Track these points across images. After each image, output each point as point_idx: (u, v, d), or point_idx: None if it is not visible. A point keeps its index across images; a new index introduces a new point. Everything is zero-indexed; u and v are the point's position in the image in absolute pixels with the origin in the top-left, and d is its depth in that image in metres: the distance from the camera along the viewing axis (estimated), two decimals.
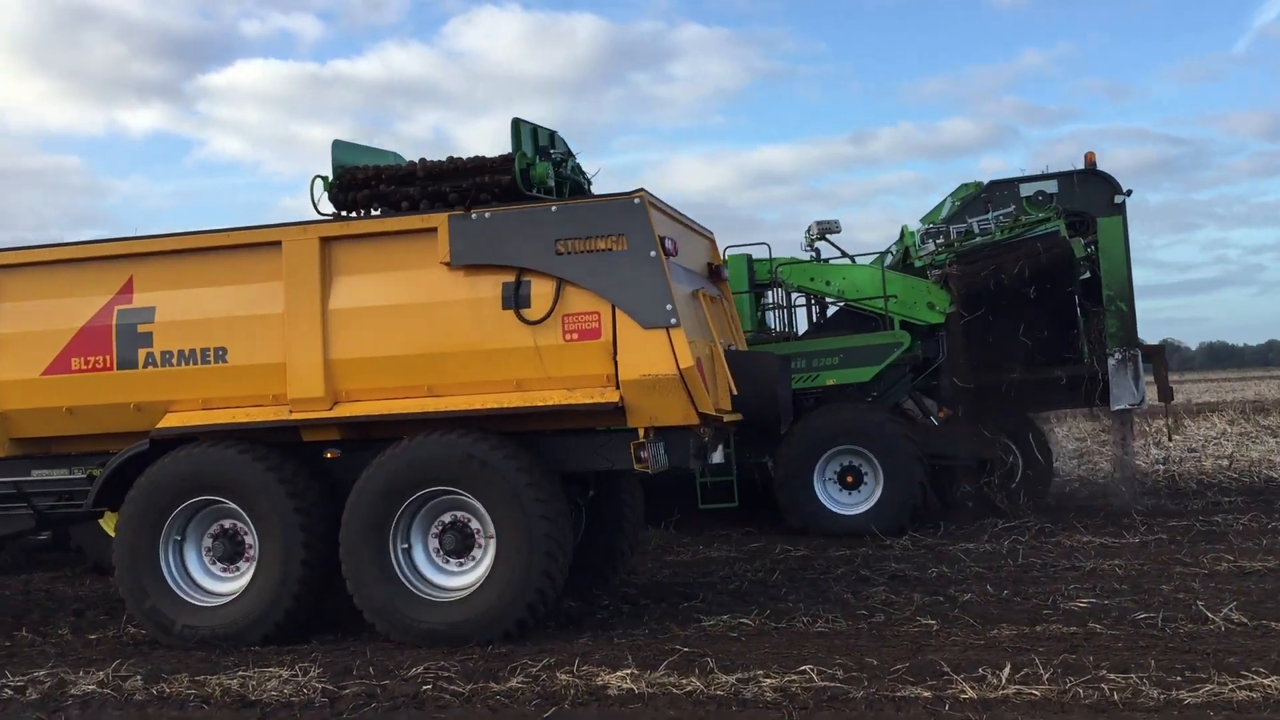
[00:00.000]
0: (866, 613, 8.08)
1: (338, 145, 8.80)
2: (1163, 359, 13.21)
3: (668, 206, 8.27)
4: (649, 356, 7.40)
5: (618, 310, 7.48)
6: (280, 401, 7.99)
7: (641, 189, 7.67)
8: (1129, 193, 12.91)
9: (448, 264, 7.75)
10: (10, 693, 6.89)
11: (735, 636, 7.56)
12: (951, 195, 13.36)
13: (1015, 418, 12.76)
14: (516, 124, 8.56)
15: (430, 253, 7.81)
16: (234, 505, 7.93)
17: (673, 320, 7.36)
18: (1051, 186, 12.81)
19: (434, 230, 7.82)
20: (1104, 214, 12.47)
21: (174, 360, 8.16)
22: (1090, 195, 12.68)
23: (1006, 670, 6.15)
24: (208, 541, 8.14)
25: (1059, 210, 12.60)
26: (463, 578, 7.73)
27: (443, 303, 7.77)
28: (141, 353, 8.19)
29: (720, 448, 8.78)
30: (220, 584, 8.11)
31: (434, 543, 7.79)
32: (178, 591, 8.02)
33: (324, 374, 7.88)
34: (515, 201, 8.08)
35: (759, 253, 13.28)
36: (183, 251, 8.28)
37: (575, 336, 7.57)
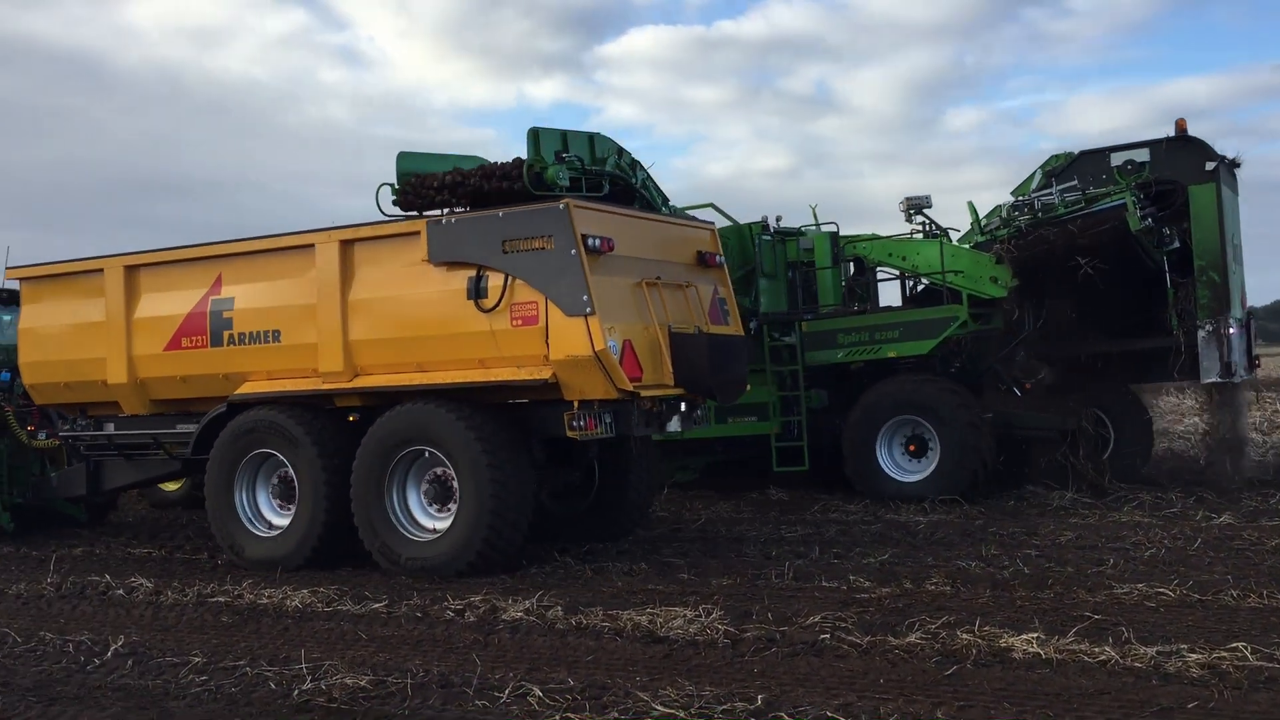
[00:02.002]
0: None
1: (402, 156, 10.24)
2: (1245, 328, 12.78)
3: (621, 209, 9.79)
4: (571, 340, 8.72)
5: (549, 300, 8.82)
6: (318, 374, 9.79)
7: (568, 199, 8.99)
8: (1232, 161, 12.66)
9: (427, 261, 9.25)
10: (452, 614, 7.72)
11: (1152, 607, 7.18)
12: (1041, 166, 13.28)
13: (1101, 390, 12.94)
14: (534, 132, 10.04)
15: (416, 252, 9.36)
16: (282, 457, 9.89)
17: (588, 309, 8.62)
18: (1142, 155, 12.53)
19: (418, 233, 9.36)
20: (1196, 181, 12.15)
21: (247, 340, 10.15)
22: (1182, 163, 12.33)
23: None
24: (273, 483, 10.19)
25: (1149, 180, 12.27)
26: (442, 522, 9.30)
27: (424, 293, 9.34)
28: (225, 334, 10.22)
29: (676, 417, 9.65)
30: (280, 518, 10.08)
31: (425, 493, 9.43)
32: (247, 524, 10.11)
33: (344, 352, 9.64)
34: (527, 202, 9.28)
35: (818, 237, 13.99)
36: (251, 253, 10.25)
37: (520, 323, 8.97)
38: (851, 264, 14.30)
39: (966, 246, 13.40)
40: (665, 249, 10.00)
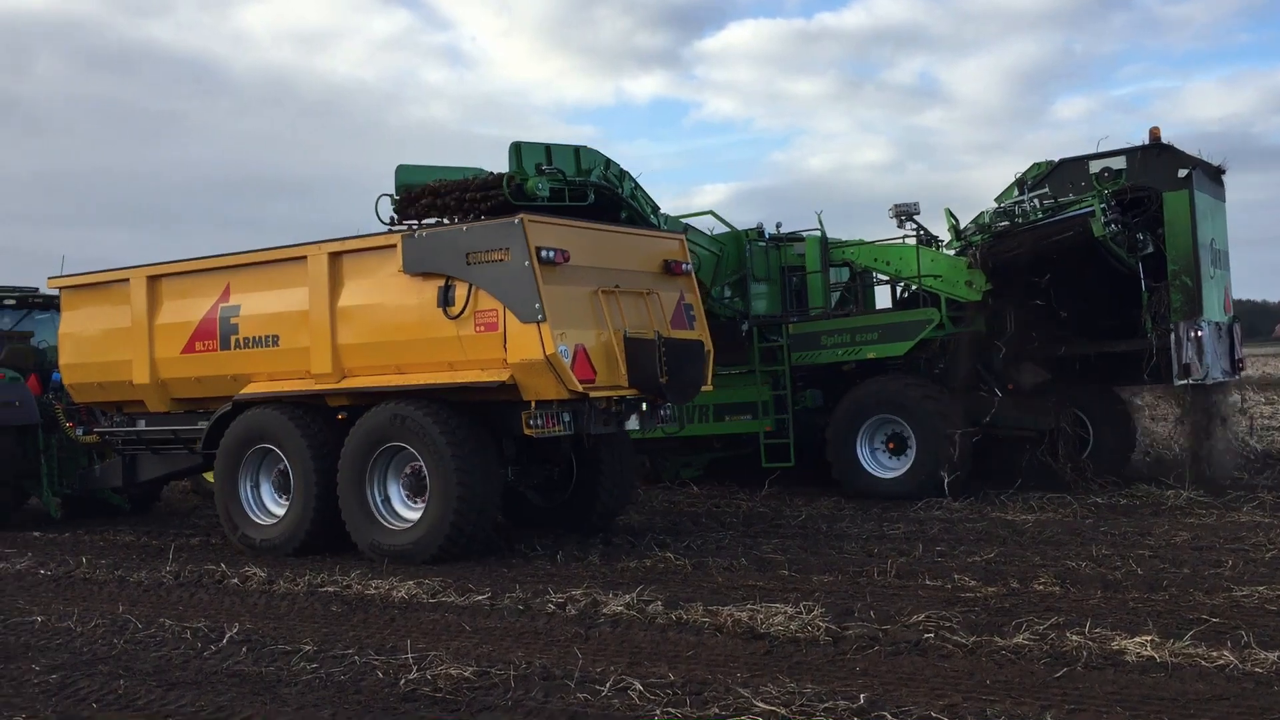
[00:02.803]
0: None
1: (401, 169, 11.00)
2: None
3: (580, 222, 10.35)
4: (526, 345, 9.38)
5: (506, 308, 9.46)
6: (311, 376, 10.56)
7: (523, 214, 9.52)
8: (1217, 168, 13.14)
9: (403, 271, 9.94)
10: (553, 607, 7.79)
11: (1274, 610, 7.02)
12: (1024, 172, 13.58)
13: (1081, 391, 13.36)
14: (515, 146, 10.84)
15: (394, 263, 10.03)
16: (279, 452, 10.64)
17: (540, 317, 9.28)
18: (1119, 163, 12.81)
19: (395, 246, 10.04)
20: (1170, 188, 12.41)
21: (250, 344, 10.97)
22: (1157, 170, 12.58)
23: None
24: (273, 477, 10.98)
25: (1125, 187, 12.55)
26: (417, 512, 9.97)
27: (401, 302, 10.05)
28: (232, 338, 11.06)
29: (634, 416, 10.26)
30: (278, 505, 10.89)
31: (404, 485, 10.15)
32: (248, 512, 10.93)
33: (332, 356, 10.38)
34: (509, 213, 9.82)
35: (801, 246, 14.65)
36: (255, 264, 11.02)
37: (483, 329, 9.62)
38: (846, 268, 14.82)
39: (951, 252, 13.74)
40: (627, 258, 10.59)
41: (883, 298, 15.08)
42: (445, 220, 10.62)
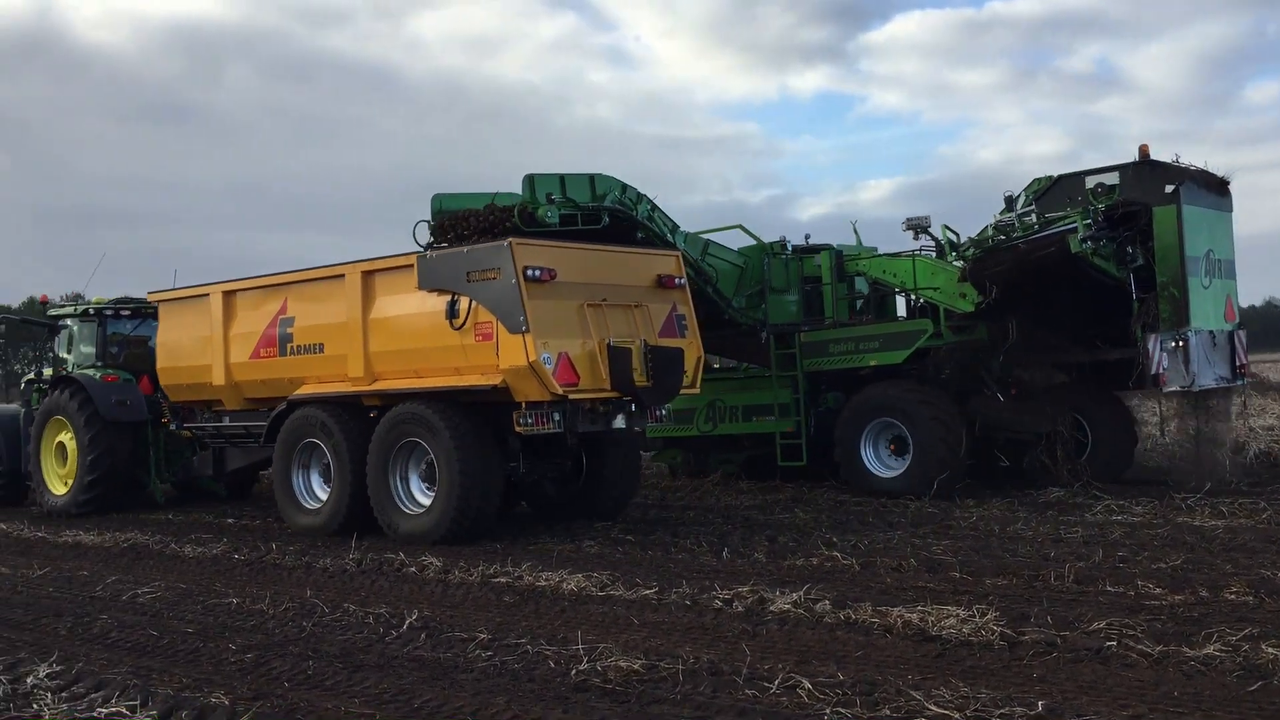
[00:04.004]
0: None
1: (437, 197, 12.13)
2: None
3: (571, 244, 11.46)
4: (514, 353, 10.55)
5: (498, 321, 10.66)
6: (348, 379, 11.95)
7: (511, 239, 10.81)
8: (1222, 180, 13.55)
9: (419, 288, 11.24)
10: (720, 603, 7.83)
11: None
12: (1025, 189, 14.09)
13: (1081, 395, 13.97)
14: (529, 178, 12.11)
15: (412, 281, 11.34)
16: (323, 445, 12.14)
17: (525, 328, 10.44)
18: (1112, 178, 13.22)
19: (412, 265, 11.31)
20: (1158, 203, 12.82)
21: (302, 351, 12.47)
22: (1146, 186, 12.97)
23: None
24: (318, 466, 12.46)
25: (1117, 202, 12.92)
26: (430, 499, 11.24)
27: (417, 314, 11.38)
28: (288, 346, 12.58)
29: (620, 416, 11.26)
30: (323, 491, 12.37)
31: (421, 475, 11.44)
32: (299, 498, 12.50)
33: (365, 361, 11.79)
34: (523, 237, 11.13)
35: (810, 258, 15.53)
36: (305, 281, 12.57)
37: (481, 338, 10.84)
38: (861, 279, 15.58)
39: (958, 263, 14.20)
40: (617, 274, 11.66)
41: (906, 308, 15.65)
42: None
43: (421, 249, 11.67)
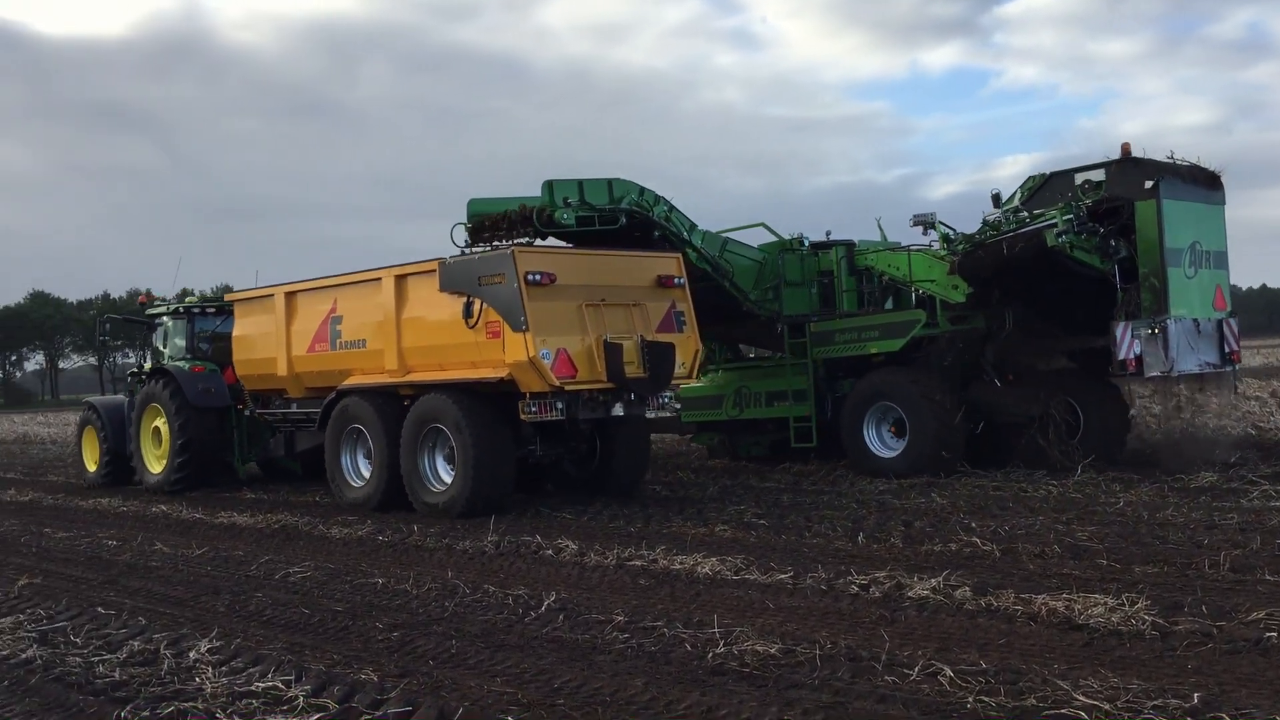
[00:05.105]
0: None
1: (472, 202, 13.59)
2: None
3: (572, 249, 13.37)
4: (516, 349, 11.74)
5: (504, 320, 11.85)
6: (385, 371, 13.26)
7: (515, 246, 12.40)
8: (1213, 173, 14.13)
9: (440, 290, 12.48)
10: (856, 589, 7.77)
11: None
12: (1020, 186, 14.78)
13: (1074, 380, 14.58)
14: (548, 184, 13.34)
15: (435, 284, 12.59)
16: (365, 431, 13.49)
17: (525, 327, 11.62)
18: (1099, 175, 13.84)
19: (435, 270, 12.56)
20: (1140, 198, 13.39)
21: (349, 345, 13.83)
22: (1129, 182, 13.56)
23: None
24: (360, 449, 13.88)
25: (1102, 198, 13.53)
26: (450, 478, 12.53)
27: (441, 314, 12.59)
28: (338, 341, 13.96)
29: (618, 404, 12.34)
30: (367, 471, 13.65)
31: (445, 457, 12.69)
32: (347, 477, 13.87)
33: (399, 356, 13.08)
34: (542, 239, 13.26)
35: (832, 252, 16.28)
36: (351, 284, 13.86)
37: (490, 336, 12.02)
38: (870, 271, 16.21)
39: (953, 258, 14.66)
40: (617, 276, 12.75)
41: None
42: (498, 245, 13.11)
43: (460, 249, 13.08)
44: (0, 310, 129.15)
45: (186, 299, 19.67)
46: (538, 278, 11.84)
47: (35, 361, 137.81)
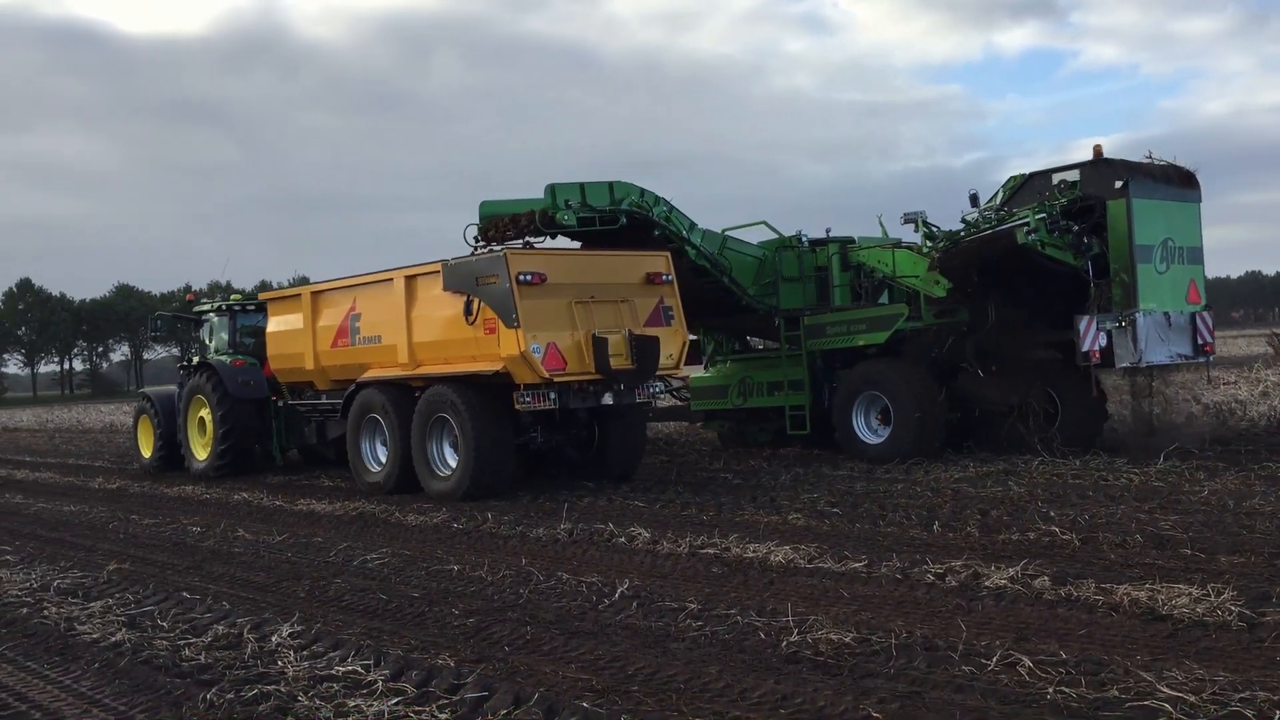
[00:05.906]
0: None
1: (483, 204, 14.66)
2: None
3: (562, 250, 14.41)
4: (510, 344, 12.58)
5: (499, 317, 12.67)
6: (398, 365, 14.18)
7: (508, 248, 13.23)
8: (1188, 171, 14.74)
9: (444, 290, 13.40)
10: (932, 578, 7.68)
11: None
12: (1002, 186, 15.38)
13: (1053, 370, 14.90)
14: (550, 188, 14.20)
15: (439, 284, 13.51)
16: (380, 420, 14.50)
17: (516, 324, 12.47)
18: (1074, 175, 14.46)
19: (439, 271, 13.46)
20: (1111, 197, 14.07)
21: (366, 341, 14.79)
22: (1101, 182, 14.22)
23: None
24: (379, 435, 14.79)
25: (1076, 197, 14.16)
26: (455, 464, 13.42)
27: (445, 311, 13.48)
28: (357, 337, 14.95)
29: (608, 394, 13.11)
30: (384, 457, 14.61)
31: (451, 444, 13.53)
32: (366, 463, 14.85)
33: (409, 350, 14.02)
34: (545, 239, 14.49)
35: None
36: (368, 283, 14.84)
37: (487, 332, 12.88)
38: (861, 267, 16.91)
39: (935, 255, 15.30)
40: (606, 274, 13.53)
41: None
42: (503, 245, 13.91)
43: (471, 248, 14.14)
44: (89, 303, 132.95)
45: (231, 296, 20.83)
46: (529, 278, 12.66)
47: (121, 353, 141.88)
